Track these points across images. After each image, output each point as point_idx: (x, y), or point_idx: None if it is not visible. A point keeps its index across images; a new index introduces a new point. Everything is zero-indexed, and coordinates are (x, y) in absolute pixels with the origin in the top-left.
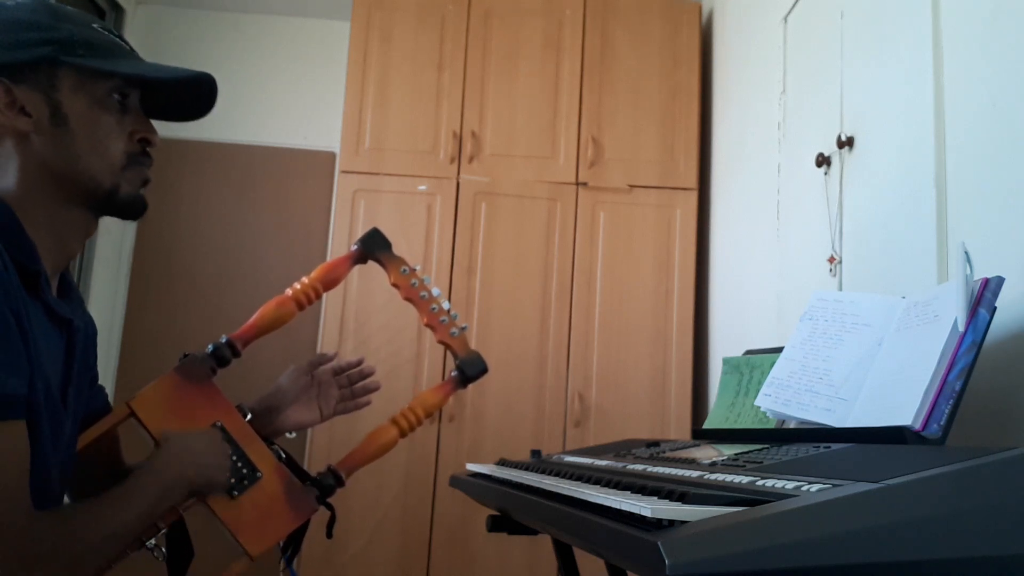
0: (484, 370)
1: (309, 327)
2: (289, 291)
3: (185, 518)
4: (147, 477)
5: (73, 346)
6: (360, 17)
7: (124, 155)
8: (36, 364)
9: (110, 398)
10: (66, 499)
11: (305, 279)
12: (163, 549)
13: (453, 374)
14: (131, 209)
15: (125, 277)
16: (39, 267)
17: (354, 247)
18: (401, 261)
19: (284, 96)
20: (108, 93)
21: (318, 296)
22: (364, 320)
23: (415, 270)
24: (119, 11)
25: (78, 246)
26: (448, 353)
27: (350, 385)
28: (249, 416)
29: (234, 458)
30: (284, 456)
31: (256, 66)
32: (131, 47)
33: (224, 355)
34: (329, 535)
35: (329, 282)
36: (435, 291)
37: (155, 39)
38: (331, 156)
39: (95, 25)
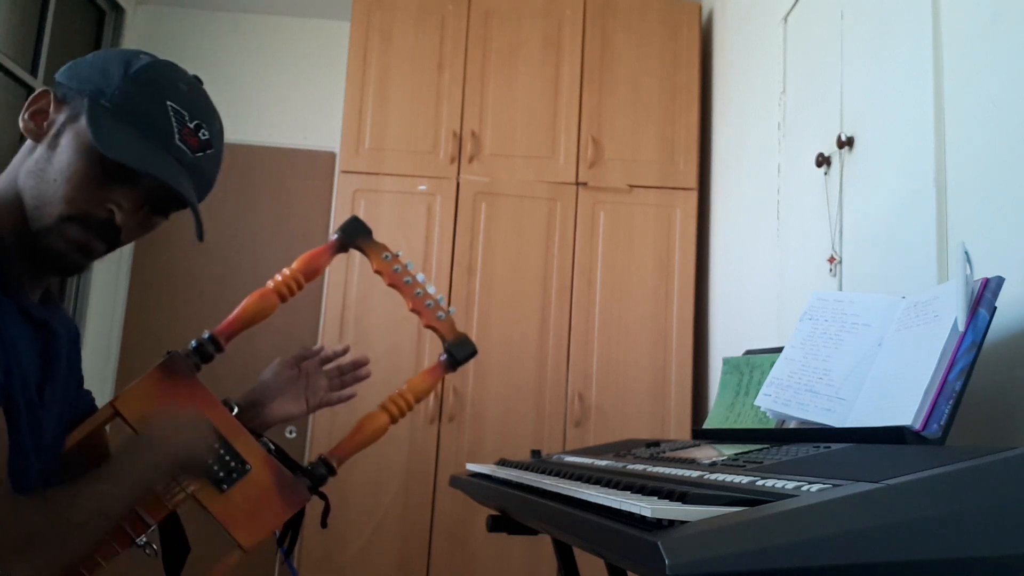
0: (473, 352)
1: (310, 325)
2: (270, 283)
3: (178, 513)
4: (129, 454)
5: (50, 347)
6: (360, 17)
7: (77, 211)
8: (12, 355)
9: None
10: None
11: (286, 270)
12: (154, 546)
13: (442, 358)
14: (52, 262)
15: (125, 277)
16: (9, 264)
17: (334, 236)
18: (383, 247)
19: (284, 96)
20: (100, 154)
21: (300, 287)
22: (364, 317)
23: (397, 255)
24: (119, 11)
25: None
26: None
27: (341, 375)
28: (235, 410)
29: (222, 452)
30: (273, 448)
31: (256, 66)
32: (189, 139)
33: (207, 351)
34: (324, 524)
35: (311, 272)
36: (419, 276)
37: (155, 39)
38: (331, 156)
39: (169, 102)
